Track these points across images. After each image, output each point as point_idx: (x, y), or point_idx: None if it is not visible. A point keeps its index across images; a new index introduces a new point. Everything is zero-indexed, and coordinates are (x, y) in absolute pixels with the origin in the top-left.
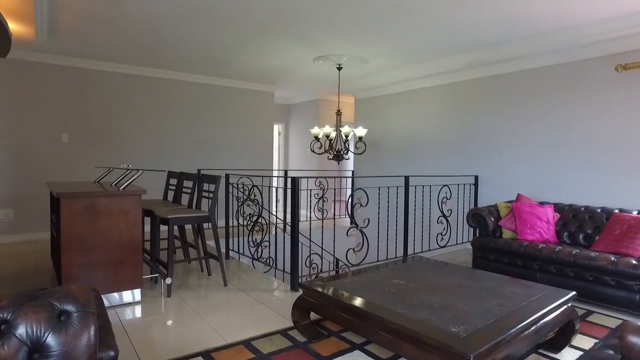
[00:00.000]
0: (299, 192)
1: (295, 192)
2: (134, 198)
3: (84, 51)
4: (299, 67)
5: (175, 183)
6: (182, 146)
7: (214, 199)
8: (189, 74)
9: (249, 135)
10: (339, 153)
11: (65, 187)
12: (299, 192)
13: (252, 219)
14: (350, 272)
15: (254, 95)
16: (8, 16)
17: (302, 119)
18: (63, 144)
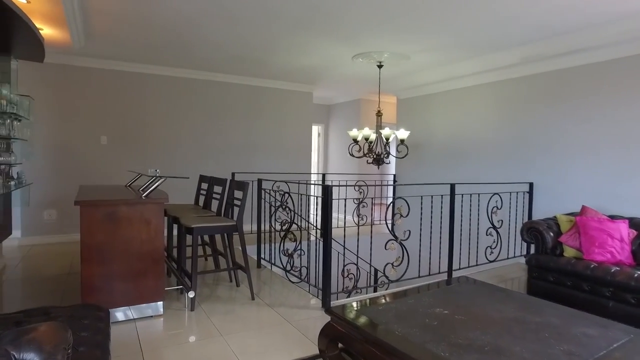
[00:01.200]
0: (331, 201)
1: (327, 202)
2: (156, 206)
3: (120, 54)
4: (337, 66)
5: (206, 188)
6: (217, 148)
7: (241, 207)
8: (224, 75)
9: (286, 137)
10: (378, 157)
11: (89, 192)
12: (332, 201)
13: (285, 227)
14: (386, 296)
15: (292, 95)
16: (43, 21)
17: (343, 119)
18: (102, 146)
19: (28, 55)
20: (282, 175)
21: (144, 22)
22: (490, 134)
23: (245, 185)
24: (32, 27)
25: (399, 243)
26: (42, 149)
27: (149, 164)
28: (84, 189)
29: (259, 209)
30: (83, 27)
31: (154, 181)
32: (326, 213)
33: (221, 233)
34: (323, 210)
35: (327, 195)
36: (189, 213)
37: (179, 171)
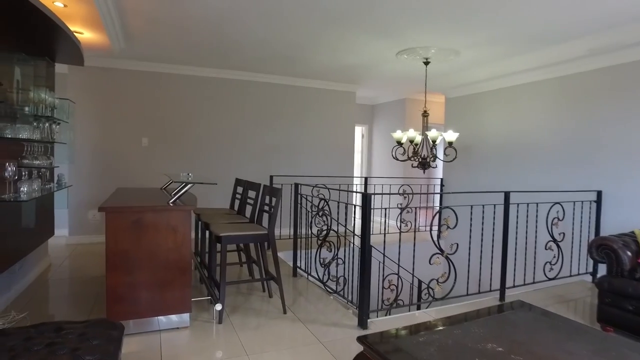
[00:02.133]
0: (371, 212)
1: (367, 213)
2: (183, 213)
3: (160, 55)
4: (381, 63)
5: (241, 192)
6: (257, 150)
7: (273, 215)
8: (262, 75)
9: (328, 139)
10: (424, 160)
11: (122, 195)
12: (371, 212)
13: (322, 235)
14: (429, 322)
15: (334, 95)
16: (82, 25)
17: (387, 120)
18: (143, 148)
19: (68, 59)
20: (323, 179)
21: (180, 21)
22: (550, 135)
23: (278, 192)
24: (66, 31)
25: (445, 257)
26: (87, 151)
27: (189, 165)
28: (119, 191)
29: (296, 215)
30: (121, 29)
31: (182, 187)
32: (365, 225)
33: (251, 242)
34: (362, 222)
35: (367, 205)
36: (220, 219)
37: (218, 173)
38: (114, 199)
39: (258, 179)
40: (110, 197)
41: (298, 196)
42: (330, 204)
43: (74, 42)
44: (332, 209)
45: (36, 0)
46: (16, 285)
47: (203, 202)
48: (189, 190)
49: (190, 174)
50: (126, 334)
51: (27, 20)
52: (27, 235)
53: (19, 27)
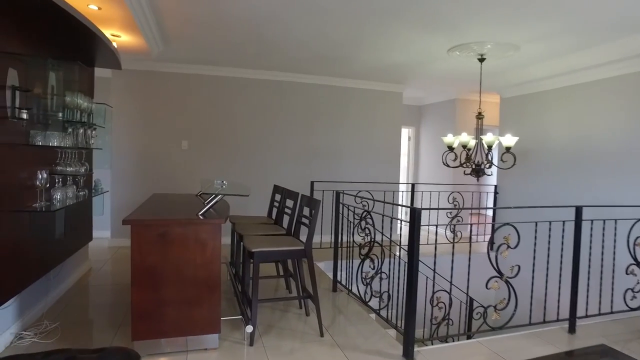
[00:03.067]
0: (419, 228)
1: (414, 229)
2: (213, 227)
3: (199, 57)
4: (430, 61)
5: (279, 200)
6: (297, 154)
7: (310, 229)
8: (303, 75)
9: (372, 142)
10: (478, 167)
11: (154, 203)
12: (419, 228)
13: (364, 250)
14: None
15: (379, 96)
16: (119, 28)
17: (436, 121)
18: (183, 151)
19: (106, 63)
20: (366, 185)
21: (217, 21)
22: (628, 139)
23: (317, 204)
24: (100, 36)
25: (504, 281)
26: (129, 155)
27: (228, 168)
28: (154, 198)
29: (337, 225)
30: (158, 31)
31: (212, 198)
32: (412, 246)
33: (286, 259)
34: (409, 243)
35: (415, 221)
36: (255, 230)
37: (257, 177)
38: (144, 208)
39: (298, 184)
40: (143, 204)
41: (339, 205)
42: (372, 220)
43: (108, 45)
44: (376, 219)
45: (71, 8)
46: (54, 291)
47: (240, 208)
48: (225, 198)
49: (225, 181)
50: (151, 353)
51: (61, 26)
52: (63, 242)
53: (54, 32)
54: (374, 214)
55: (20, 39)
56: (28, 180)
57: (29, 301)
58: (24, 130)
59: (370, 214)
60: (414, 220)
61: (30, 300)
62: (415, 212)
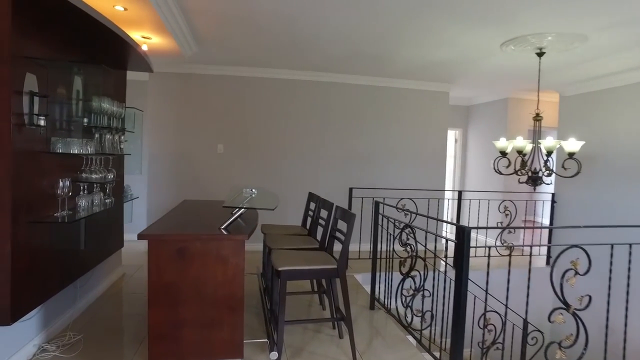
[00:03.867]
0: (468, 250)
1: (463, 251)
2: (235, 243)
3: (233, 58)
4: (480, 58)
5: (314, 209)
6: (335, 158)
7: (344, 245)
8: (341, 75)
9: (415, 145)
10: (535, 175)
11: (182, 212)
12: (469, 249)
13: (405, 265)
14: None
15: (423, 96)
16: (149, 29)
17: (486, 123)
18: (218, 155)
19: (136, 66)
20: (409, 192)
21: (249, 19)
22: None
23: (351, 218)
24: (124, 38)
25: (571, 314)
26: (163, 159)
27: (263, 172)
28: (183, 205)
29: (375, 237)
30: (189, 31)
31: (236, 212)
32: (461, 268)
33: (317, 278)
34: (457, 262)
35: (464, 241)
36: (286, 243)
37: (294, 182)
38: (165, 220)
39: (337, 190)
40: (167, 214)
41: (378, 216)
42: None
43: (135, 48)
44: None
45: (93, 10)
46: (82, 300)
47: (275, 216)
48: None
49: (254, 190)
50: None
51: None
52: (89, 250)
53: (77, 35)
54: (417, 225)
55: (41, 43)
56: (49, 189)
57: (54, 311)
58: (44, 137)
59: (412, 228)
60: (463, 241)
61: (55, 311)
62: (465, 232)
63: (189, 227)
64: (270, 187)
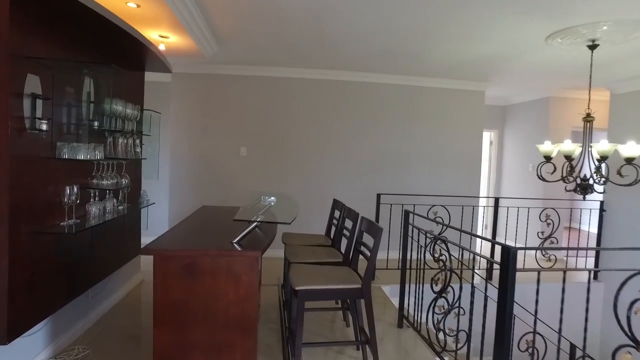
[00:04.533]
0: (514, 274)
1: (507, 277)
2: (247, 259)
3: (256, 57)
4: (521, 53)
5: (338, 218)
6: (362, 162)
7: (370, 263)
8: (369, 74)
9: (449, 148)
10: (586, 183)
11: (198, 219)
12: (514, 274)
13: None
14: None
15: (457, 95)
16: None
17: (524, 124)
18: (241, 158)
19: (153, 66)
20: (441, 199)
21: (271, 16)
22: None
23: (378, 232)
24: (137, 37)
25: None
26: (184, 162)
27: (288, 176)
28: (200, 212)
29: (405, 250)
30: (207, 29)
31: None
32: (505, 297)
33: (338, 299)
34: (502, 287)
35: (508, 265)
36: (306, 256)
37: (319, 187)
38: (176, 231)
39: (364, 196)
40: (179, 224)
41: (408, 227)
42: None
43: (148, 47)
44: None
45: (104, 10)
46: (95, 310)
47: (297, 223)
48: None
49: (273, 198)
50: None
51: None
52: (101, 259)
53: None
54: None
55: (46, 42)
56: (55, 196)
57: (64, 324)
58: (48, 142)
59: (445, 242)
60: (508, 263)
61: (64, 323)
62: (510, 254)
63: (199, 240)
64: (294, 191)
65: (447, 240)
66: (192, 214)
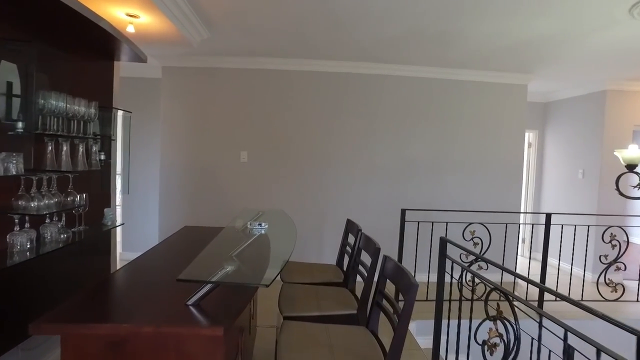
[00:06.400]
0: None
1: None
2: (204, 340)
3: (255, 46)
4: (586, 33)
5: (353, 245)
6: (384, 169)
7: (397, 336)
8: (390, 65)
9: (484, 152)
10: None
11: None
12: None
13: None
14: None
15: (494, 90)
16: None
17: (572, 123)
18: (242, 164)
19: (124, 55)
20: (479, 215)
21: None
22: None
23: (411, 289)
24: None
25: None
26: (175, 170)
27: (296, 186)
28: (177, 236)
29: (441, 287)
30: (190, 9)
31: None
32: None
33: None
34: None
35: None
36: (307, 302)
37: (333, 199)
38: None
39: (386, 210)
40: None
41: (445, 260)
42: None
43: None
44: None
45: None
46: None
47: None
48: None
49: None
50: None
51: None
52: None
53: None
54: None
55: None
56: None
57: None
58: None
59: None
60: None
61: None
62: None
63: (141, 299)
64: (301, 204)
65: (504, 289)
66: (163, 242)
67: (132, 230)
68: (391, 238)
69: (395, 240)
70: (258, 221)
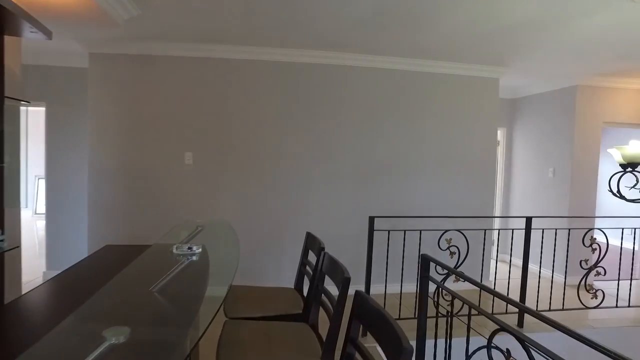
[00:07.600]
0: None
1: None
2: None
3: (200, 30)
4: (564, 18)
5: (315, 265)
6: (349, 171)
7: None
8: (359, 56)
9: (455, 151)
10: None
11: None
12: None
13: None
14: None
15: (465, 83)
16: None
17: (541, 120)
18: (186, 167)
19: (18, 27)
20: (454, 221)
21: None
22: None
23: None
24: None
25: None
26: (105, 174)
27: (248, 192)
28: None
29: (422, 321)
30: None
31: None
32: None
33: None
34: None
35: None
36: (254, 343)
37: (290, 207)
38: None
39: (352, 216)
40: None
41: (427, 281)
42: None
43: None
44: None
45: None
46: None
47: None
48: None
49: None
50: None
51: None
52: None
53: None
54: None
55: None
56: None
57: None
58: None
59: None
60: None
61: None
62: None
63: None
64: (257, 214)
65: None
66: (68, 270)
67: (62, 245)
68: (358, 243)
69: (363, 246)
70: (190, 243)
